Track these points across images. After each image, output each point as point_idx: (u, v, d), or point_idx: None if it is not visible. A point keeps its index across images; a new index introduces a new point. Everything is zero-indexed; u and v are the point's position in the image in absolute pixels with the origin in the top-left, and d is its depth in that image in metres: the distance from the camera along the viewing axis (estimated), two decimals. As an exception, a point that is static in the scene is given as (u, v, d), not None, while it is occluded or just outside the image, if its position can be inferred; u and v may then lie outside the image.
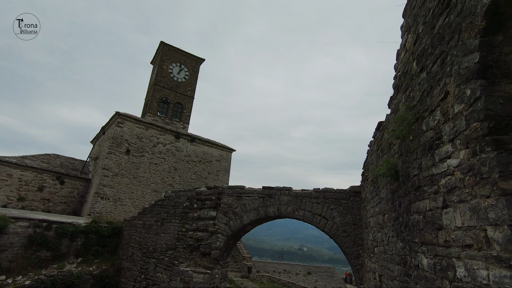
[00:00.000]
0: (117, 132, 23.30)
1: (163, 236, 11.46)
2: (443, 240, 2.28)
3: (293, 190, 8.92)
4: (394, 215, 3.82)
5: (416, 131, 2.96)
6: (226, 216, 9.34)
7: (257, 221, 9.15)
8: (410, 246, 3.09)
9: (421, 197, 2.73)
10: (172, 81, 30.29)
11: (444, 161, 2.29)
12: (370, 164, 6.49)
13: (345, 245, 7.88)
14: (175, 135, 26.58)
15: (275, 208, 8.81)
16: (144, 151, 24.45)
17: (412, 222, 2.98)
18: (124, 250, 13.69)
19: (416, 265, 2.85)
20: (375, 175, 4.83)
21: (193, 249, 9.42)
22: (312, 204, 8.51)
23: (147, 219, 12.88)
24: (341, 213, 8.22)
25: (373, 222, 5.59)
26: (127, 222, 14.55)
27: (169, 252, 10.85)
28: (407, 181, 3.19)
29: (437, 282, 2.34)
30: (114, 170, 22.62)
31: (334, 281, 32.43)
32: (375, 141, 5.83)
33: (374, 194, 5.50)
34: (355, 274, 7.70)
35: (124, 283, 12.67)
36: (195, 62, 32.35)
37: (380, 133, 5.36)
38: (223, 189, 9.70)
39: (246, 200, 9.26)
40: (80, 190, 24.67)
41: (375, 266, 5.39)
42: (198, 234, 9.44)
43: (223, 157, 29.56)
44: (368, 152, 6.96)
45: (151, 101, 28.80)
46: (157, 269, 11.11)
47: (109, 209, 21.79)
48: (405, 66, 3.72)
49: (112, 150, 22.81)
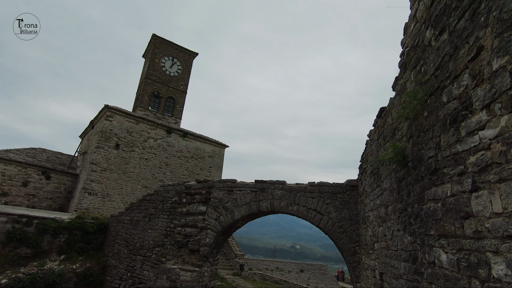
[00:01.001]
0: (106, 126, 22.55)
1: (150, 233, 10.93)
2: (471, 230, 1.86)
3: (287, 184, 8.49)
4: (400, 206, 3.41)
5: (432, 106, 2.53)
6: (216, 211, 8.87)
7: (249, 216, 8.70)
8: (422, 240, 2.67)
9: (440, 182, 2.31)
10: (164, 75, 29.56)
11: (474, 133, 1.86)
12: (369, 155, 6.09)
13: (341, 241, 7.50)
14: (167, 130, 25.92)
15: (268, 203, 8.38)
16: (134, 146, 23.76)
17: (426, 212, 2.56)
18: (110, 247, 13.12)
19: (431, 262, 2.44)
20: (378, 162, 4.42)
21: (181, 245, 8.93)
22: (307, 199, 8.10)
23: (135, 214, 12.33)
24: (337, 208, 7.83)
25: (373, 216, 5.19)
26: (114, 218, 13.96)
27: (156, 249, 10.33)
28: (419, 165, 2.77)
29: (462, 282, 1.92)
30: (102, 165, 21.90)
31: (327, 278, 32.29)
32: (376, 129, 5.43)
33: (375, 186, 5.10)
34: (351, 272, 7.33)
35: (110, 281, 12.11)
36: (188, 56, 31.64)
37: (382, 120, 4.95)
38: (214, 183, 9.22)
39: (237, 195, 8.80)
40: (67, 186, 23.87)
41: (374, 263, 5.00)
42: (186, 230, 8.95)
43: (216, 153, 29.01)
44: (367, 143, 6.57)
45: (142, 95, 28.05)
46: (144, 266, 10.59)
47: (97, 205, 21.08)
48: (415, 38, 3.30)
49: (100, 145, 22.07)
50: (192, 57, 31.93)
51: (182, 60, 31.11)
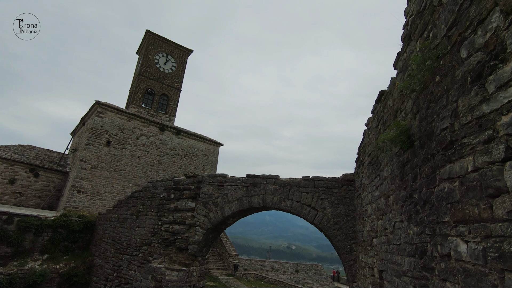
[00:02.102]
0: (96, 123, 21.93)
1: (138, 230, 10.43)
2: (504, 211, 1.44)
3: (280, 179, 8.06)
4: (404, 193, 2.99)
5: (446, 68, 2.12)
6: (205, 207, 8.41)
7: (240, 212, 8.25)
8: (432, 229, 2.26)
9: (457, 156, 1.90)
10: (158, 71, 29.01)
11: (508, 86, 1.44)
12: (367, 145, 5.69)
13: (337, 238, 7.08)
14: (160, 127, 25.36)
15: (260, 198, 7.94)
16: (126, 143, 23.16)
17: (439, 195, 2.15)
18: (97, 246, 12.57)
19: (445, 255, 2.02)
20: (377, 148, 4.00)
21: (169, 243, 8.45)
22: (301, 194, 7.68)
23: (122, 212, 11.81)
24: (332, 203, 7.42)
25: (372, 210, 4.78)
26: (102, 216, 13.41)
27: (143, 248, 9.83)
28: (429, 141, 2.35)
29: (490, 278, 1.50)
30: (92, 163, 21.27)
31: (322, 279, 31.91)
32: (375, 116, 5.02)
33: (373, 177, 4.68)
34: (347, 271, 6.92)
35: (95, 281, 11.57)
36: (182, 53, 31.12)
37: (381, 104, 4.54)
38: (203, 178, 8.76)
39: (228, 190, 8.35)
40: (57, 184, 23.19)
41: (373, 261, 4.58)
42: (174, 227, 8.47)
43: (210, 151, 28.50)
44: (364, 133, 6.16)
45: (135, 92, 27.47)
46: (130, 266, 10.08)
47: (86, 203, 20.45)
48: (421, 3, 2.89)
49: (91, 141, 21.44)
50: (186, 54, 31.44)
51: (177, 57, 30.59)
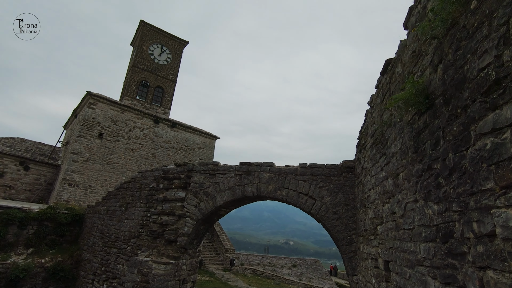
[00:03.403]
0: (88, 114, 21.27)
1: (126, 223, 9.91)
2: None
3: (276, 166, 7.55)
4: (419, 167, 2.48)
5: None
6: (196, 197, 7.89)
7: (233, 202, 7.74)
8: (463, 203, 1.75)
9: (508, 97, 1.38)
10: (152, 63, 28.31)
11: None
12: (369, 126, 5.17)
13: (336, 229, 6.60)
14: (154, 120, 24.73)
15: (254, 187, 7.42)
16: (119, 136, 22.53)
17: (475, 156, 1.63)
18: (86, 240, 12.05)
19: (486, 234, 1.51)
20: (383, 123, 3.48)
21: (157, 236, 7.94)
22: (298, 182, 7.17)
23: (111, 204, 11.28)
24: (331, 191, 6.92)
25: (375, 194, 4.27)
26: (91, 209, 12.87)
27: (132, 241, 9.32)
28: (459, 92, 1.83)
29: None
30: (84, 155, 20.67)
31: (320, 273, 31.64)
32: (379, 90, 4.50)
33: (378, 157, 4.17)
34: (347, 264, 6.44)
35: (83, 276, 11.07)
36: (178, 45, 30.39)
37: (387, 75, 4.01)
38: (194, 166, 8.23)
39: (220, 178, 7.83)
40: (48, 177, 22.58)
41: (377, 251, 4.09)
42: (163, 218, 7.95)
43: (206, 145, 27.93)
44: (366, 114, 5.65)
45: (129, 83, 26.79)
46: (118, 260, 9.57)
47: (78, 197, 19.89)
48: None
49: (82, 133, 20.81)
50: (182, 45, 30.70)
51: (172, 48, 29.87)
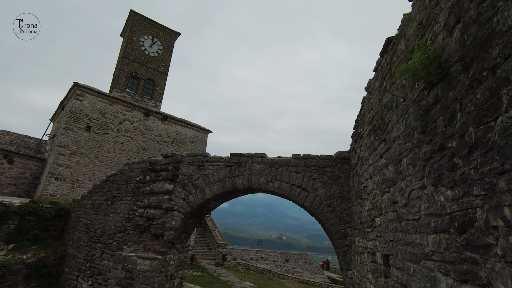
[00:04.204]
0: (75, 106, 20.57)
1: (112, 217, 9.50)
2: None
3: (268, 157, 7.23)
4: (428, 148, 2.17)
5: None
6: (184, 190, 7.53)
7: (223, 195, 7.41)
8: (488, 185, 1.45)
9: None
10: (143, 54, 27.57)
11: None
12: (367, 113, 4.87)
13: (330, 222, 6.33)
14: (145, 113, 24.11)
15: (245, 179, 7.10)
16: (108, 128, 21.89)
17: (504, 129, 1.32)
18: (71, 235, 11.60)
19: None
20: (383, 106, 3.17)
21: (143, 230, 7.57)
22: (290, 174, 6.87)
23: (97, 197, 10.83)
24: (325, 183, 6.64)
25: (373, 184, 3.99)
26: (76, 203, 12.39)
27: (118, 236, 8.94)
28: (484, 52, 1.52)
29: None
30: (71, 148, 20.01)
31: (312, 268, 31.72)
32: (378, 73, 4.19)
33: (377, 144, 3.87)
34: (341, 258, 6.19)
35: (68, 272, 10.65)
36: (169, 36, 29.66)
37: (388, 55, 3.70)
38: (182, 157, 7.85)
39: (209, 170, 7.48)
40: (34, 171, 21.86)
41: (374, 244, 3.82)
42: (149, 212, 7.58)
43: (198, 139, 27.44)
44: (363, 101, 5.34)
45: (119, 75, 26.06)
46: (104, 255, 9.19)
47: (65, 191, 19.28)
48: None
49: (69, 126, 20.12)
50: (174, 37, 29.97)
51: (163, 39, 29.14)
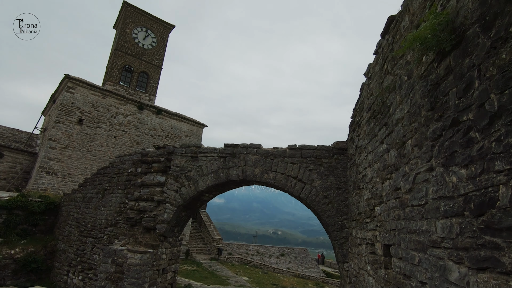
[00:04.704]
0: (67, 99, 20.09)
1: (103, 210, 9.24)
2: None
3: (263, 148, 7.02)
4: (439, 125, 1.98)
5: None
6: (177, 182, 7.30)
7: (217, 187, 7.19)
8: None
9: None
10: (136, 47, 27.03)
11: None
12: (366, 99, 4.67)
13: (326, 214, 6.16)
14: (138, 106, 23.70)
15: (239, 170, 6.89)
16: (100, 122, 21.46)
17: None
18: (61, 229, 11.32)
19: None
20: (385, 88, 2.97)
21: (134, 223, 7.34)
22: (286, 165, 6.67)
23: (88, 191, 10.55)
24: (322, 175, 6.46)
25: (373, 172, 3.80)
26: (67, 197, 12.09)
27: (108, 229, 8.69)
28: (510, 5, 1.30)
29: None
30: (63, 142, 19.59)
31: (307, 262, 31.82)
32: (379, 56, 3.98)
33: (377, 130, 3.68)
34: (338, 251, 6.04)
35: (58, 267, 10.39)
36: (163, 29, 29.13)
37: (390, 35, 3.48)
38: (175, 148, 7.61)
39: (203, 161, 7.25)
40: (24, 165, 21.39)
41: (374, 234, 3.64)
42: (140, 205, 7.34)
43: (193, 133, 27.12)
44: (362, 88, 5.14)
45: (112, 68, 25.52)
46: (95, 250, 8.95)
47: (56, 185, 18.89)
48: None
49: (60, 119, 19.67)
50: (168, 29, 29.43)
51: (157, 32, 28.60)
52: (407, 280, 2.47)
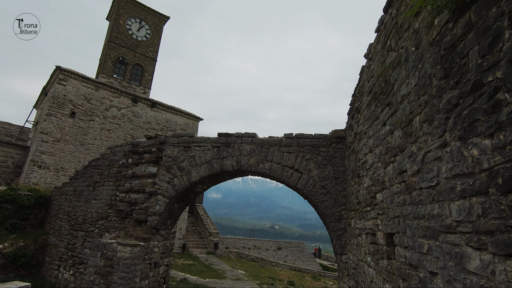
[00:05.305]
0: (58, 91, 19.61)
1: (94, 203, 8.96)
2: None
3: (258, 137, 6.75)
4: (455, 93, 1.72)
5: None
6: (169, 173, 7.02)
7: (211, 178, 6.94)
8: None
9: None
10: (130, 39, 26.44)
11: None
12: (366, 83, 4.41)
13: (324, 204, 5.94)
14: (132, 99, 23.23)
15: (233, 160, 6.62)
16: (93, 115, 21.03)
17: None
18: (52, 223, 11.03)
19: None
20: (389, 65, 2.71)
21: (125, 215, 7.08)
22: (282, 154, 6.42)
23: (79, 184, 10.25)
24: (319, 164, 6.22)
25: (374, 157, 3.56)
26: (57, 190, 11.78)
27: (99, 222, 8.43)
28: None
29: None
30: (55, 135, 19.16)
31: (304, 255, 31.87)
32: (381, 34, 3.70)
33: (379, 111, 3.43)
34: (335, 242, 5.83)
35: (49, 262, 10.13)
36: (158, 20, 28.51)
37: (393, 9, 3.20)
38: (167, 138, 7.31)
39: (196, 151, 6.97)
40: (16, 159, 20.95)
41: (375, 223, 3.41)
42: (131, 196, 7.07)
43: (189, 126, 26.75)
44: (361, 71, 4.87)
45: (105, 60, 24.98)
46: (85, 244, 8.69)
47: (49, 179, 18.52)
48: None
49: (52, 112, 19.21)
50: (162, 21, 28.82)
51: (151, 23, 27.99)
52: (414, 271, 2.24)
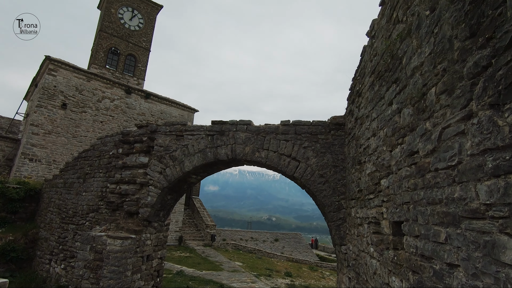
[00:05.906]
0: (48, 82, 19.03)
1: (85, 196, 8.66)
2: None
3: (254, 125, 6.46)
4: (484, 54, 1.44)
5: None
6: (161, 163, 6.72)
7: (204, 167, 6.65)
8: None
9: None
10: (123, 28, 25.69)
11: None
12: (368, 62, 4.11)
13: (322, 194, 5.70)
14: (126, 90, 22.69)
15: (228, 149, 6.34)
16: (86, 106, 20.51)
17: None
18: (43, 217, 10.73)
19: None
20: (398, 36, 2.41)
21: (116, 207, 6.79)
22: (279, 142, 6.14)
23: (69, 176, 9.92)
24: (317, 152, 5.96)
25: (378, 141, 3.29)
26: (48, 183, 11.44)
27: (90, 215, 8.15)
28: None
29: None
30: (46, 127, 18.68)
31: (301, 247, 31.99)
32: (385, 7, 3.40)
33: (384, 90, 3.14)
34: (334, 233, 5.62)
35: (40, 256, 9.86)
36: (151, 9, 27.72)
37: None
38: (158, 127, 6.99)
39: (189, 140, 6.66)
40: (7, 153, 20.49)
41: (379, 212, 3.17)
42: (122, 188, 6.77)
43: (184, 118, 26.32)
44: (363, 52, 4.56)
45: (97, 50, 24.27)
46: (76, 237, 8.41)
47: (41, 172, 18.12)
48: None
49: (42, 103, 18.68)
50: (156, 10, 28.03)
51: (144, 12, 27.20)
52: (427, 262, 1.99)
